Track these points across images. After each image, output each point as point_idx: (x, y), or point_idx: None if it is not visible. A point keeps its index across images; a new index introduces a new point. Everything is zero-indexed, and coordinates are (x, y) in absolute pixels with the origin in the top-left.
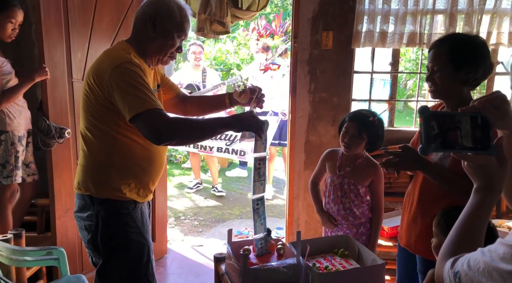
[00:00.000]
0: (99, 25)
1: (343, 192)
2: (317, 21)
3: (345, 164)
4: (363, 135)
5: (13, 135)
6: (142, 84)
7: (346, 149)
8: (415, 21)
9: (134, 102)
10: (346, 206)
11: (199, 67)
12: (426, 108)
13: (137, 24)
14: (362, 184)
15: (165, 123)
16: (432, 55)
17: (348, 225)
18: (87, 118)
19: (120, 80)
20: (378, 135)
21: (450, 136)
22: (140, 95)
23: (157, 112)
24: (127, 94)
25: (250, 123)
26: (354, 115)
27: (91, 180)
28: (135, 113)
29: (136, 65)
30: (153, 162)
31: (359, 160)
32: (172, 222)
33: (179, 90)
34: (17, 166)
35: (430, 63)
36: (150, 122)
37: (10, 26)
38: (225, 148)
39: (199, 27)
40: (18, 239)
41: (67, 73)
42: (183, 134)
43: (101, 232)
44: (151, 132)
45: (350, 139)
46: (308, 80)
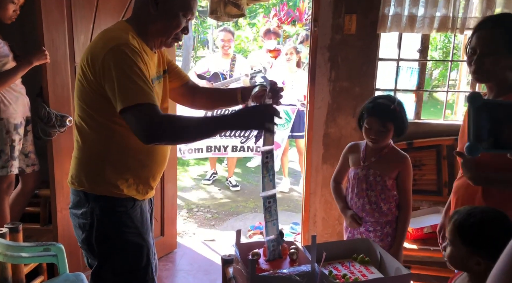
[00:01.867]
0: (105, 4)
1: (369, 184)
2: (340, 4)
3: (370, 155)
4: (389, 126)
5: (9, 122)
6: (136, 73)
7: (374, 143)
8: (448, 3)
9: (125, 93)
10: (371, 200)
11: (229, 55)
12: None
13: (137, 2)
14: (389, 176)
15: (156, 121)
16: (482, 36)
17: (373, 223)
18: (81, 106)
19: (113, 65)
20: (403, 120)
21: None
22: (131, 86)
23: (149, 107)
24: (118, 82)
25: (257, 117)
26: (373, 109)
27: (85, 174)
28: (125, 105)
29: (134, 48)
30: (154, 155)
31: (385, 150)
32: (184, 214)
33: (187, 79)
34: (13, 156)
35: (481, 46)
36: (140, 117)
37: (12, 7)
38: (240, 147)
39: (212, 9)
40: (14, 234)
41: (69, 56)
42: (176, 134)
43: (96, 231)
44: (140, 130)
45: (376, 134)
46: (328, 67)
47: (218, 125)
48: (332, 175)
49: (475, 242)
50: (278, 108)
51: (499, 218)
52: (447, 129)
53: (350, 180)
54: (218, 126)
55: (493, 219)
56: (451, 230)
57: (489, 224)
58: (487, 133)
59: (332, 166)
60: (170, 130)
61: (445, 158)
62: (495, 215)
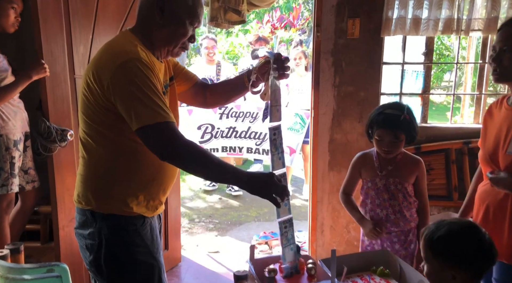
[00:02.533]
0: (104, 13)
1: (391, 194)
2: (343, 8)
3: (385, 163)
4: (401, 136)
5: (8, 139)
6: (151, 89)
7: (388, 155)
8: (452, 5)
9: (143, 112)
10: (396, 210)
11: (213, 62)
12: None
13: (142, 10)
14: (409, 182)
15: (179, 143)
16: (502, 34)
17: (397, 233)
18: (86, 121)
19: (126, 82)
20: (414, 127)
21: None
22: (149, 104)
23: (171, 127)
24: (134, 100)
25: (267, 187)
26: (383, 121)
27: (92, 192)
28: (144, 124)
29: (146, 63)
30: (164, 168)
31: (399, 156)
32: (185, 225)
33: (196, 79)
34: (13, 174)
35: (500, 43)
36: (162, 137)
37: (13, 13)
38: (255, 149)
39: (212, 16)
40: (16, 255)
41: (69, 68)
42: (192, 164)
43: (105, 252)
44: (160, 148)
45: (389, 146)
46: (332, 72)
47: (231, 177)
48: (341, 187)
49: (444, 254)
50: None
51: (467, 228)
52: (455, 132)
53: (367, 191)
54: (231, 178)
55: (460, 230)
56: (422, 246)
57: (456, 235)
58: None
59: (339, 173)
60: (189, 155)
61: (454, 162)
62: (463, 225)
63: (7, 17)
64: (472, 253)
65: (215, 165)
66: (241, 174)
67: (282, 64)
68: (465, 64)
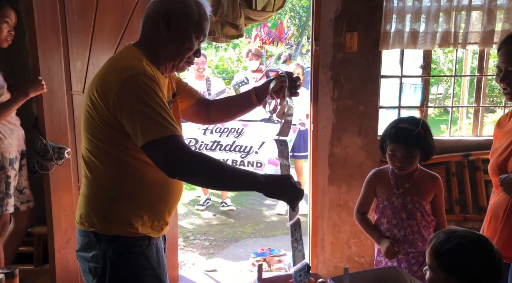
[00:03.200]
0: (101, 29)
1: (408, 213)
2: (340, 22)
3: (402, 180)
4: (415, 152)
5: (3, 157)
6: (158, 103)
7: (400, 171)
8: (448, 19)
9: (149, 126)
10: (414, 230)
11: (203, 77)
12: None
13: (147, 25)
14: (427, 200)
15: (188, 157)
16: (505, 53)
17: (415, 253)
18: (90, 139)
19: (132, 97)
20: (429, 144)
21: None
22: (156, 118)
23: (178, 140)
24: (140, 114)
25: (286, 190)
26: (396, 135)
27: (96, 213)
28: (150, 139)
29: (151, 77)
30: (170, 187)
31: (416, 173)
32: (180, 244)
33: (199, 95)
34: (8, 194)
35: (504, 63)
36: (169, 152)
37: (6, 27)
38: (240, 161)
39: (209, 30)
40: (10, 279)
41: (66, 84)
42: (205, 177)
43: (110, 276)
44: (167, 162)
45: (402, 162)
46: (331, 86)
47: (249, 181)
48: (355, 206)
49: (452, 267)
50: None
51: (478, 243)
52: (454, 145)
53: (383, 210)
54: (249, 183)
55: (471, 244)
56: (429, 254)
57: (466, 250)
58: None
59: (339, 188)
60: (200, 167)
61: (454, 175)
62: (474, 239)
63: (0, 32)
64: (480, 271)
65: (230, 173)
66: (258, 177)
67: (294, 83)
68: (462, 77)
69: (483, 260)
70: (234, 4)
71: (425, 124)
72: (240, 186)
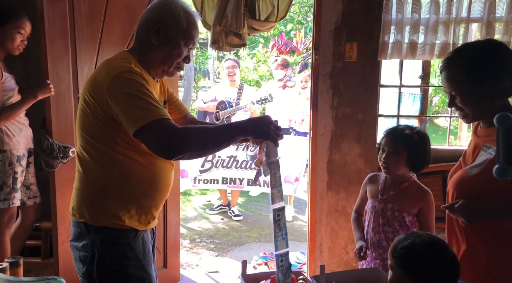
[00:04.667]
0: (109, 36)
1: (386, 219)
2: (340, 33)
3: (389, 188)
4: (400, 150)
5: (12, 154)
6: (144, 93)
7: (385, 170)
8: (447, 30)
9: (137, 114)
10: (388, 237)
11: (235, 83)
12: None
13: (139, 32)
14: (409, 212)
15: (175, 133)
16: (445, 78)
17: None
18: (83, 136)
19: (120, 92)
20: (419, 150)
21: None
22: (143, 105)
23: (165, 122)
24: (128, 106)
25: (267, 127)
26: (388, 131)
27: (86, 205)
28: (139, 125)
29: (137, 73)
30: (156, 184)
31: (406, 183)
32: (187, 245)
33: (187, 112)
34: (15, 188)
35: (447, 88)
36: (158, 134)
37: (19, 37)
38: None
39: (214, 39)
40: (15, 268)
41: (73, 88)
42: (197, 145)
43: (97, 264)
44: (160, 146)
45: (386, 157)
46: (330, 94)
47: (235, 131)
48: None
49: (404, 265)
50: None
51: (431, 242)
52: (452, 154)
53: (367, 212)
54: (235, 132)
55: (424, 243)
56: (389, 253)
57: (419, 248)
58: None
59: (337, 194)
60: (191, 140)
61: None
62: (427, 239)
63: (12, 41)
64: (431, 269)
65: (218, 133)
66: (242, 123)
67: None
68: None
69: (434, 259)
70: (238, 14)
71: (421, 134)
72: (230, 140)
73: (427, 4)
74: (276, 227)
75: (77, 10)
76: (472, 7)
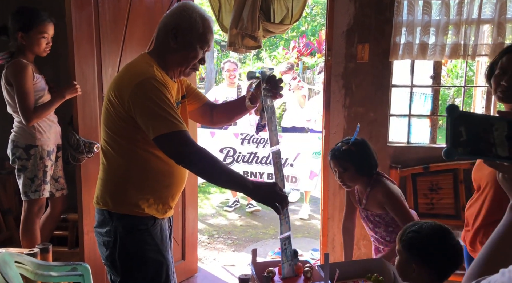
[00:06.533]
0: (131, 40)
1: (373, 224)
2: (352, 34)
3: (362, 196)
4: (346, 166)
5: (42, 149)
6: (166, 103)
7: (345, 187)
8: (458, 31)
9: (160, 122)
10: (383, 235)
11: (234, 84)
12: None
13: (159, 36)
14: (385, 212)
15: (193, 147)
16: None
17: None
18: (107, 132)
19: (144, 98)
20: (362, 158)
21: (482, 142)
22: (165, 115)
23: (185, 134)
24: (151, 113)
25: (270, 195)
26: (331, 153)
27: (109, 194)
28: (161, 133)
29: (160, 81)
30: (173, 177)
31: (368, 189)
32: (205, 241)
33: (206, 100)
34: (45, 181)
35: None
36: (177, 143)
37: (44, 41)
38: None
39: (231, 41)
40: (44, 254)
41: (98, 88)
42: (204, 167)
43: (119, 248)
44: (175, 153)
45: (339, 177)
46: (343, 94)
47: (239, 182)
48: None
49: (412, 248)
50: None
51: (437, 228)
52: None
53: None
54: (239, 184)
55: (430, 229)
56: (397, 239)
57: (425, 233)
58: (464, 141)
59: None
60: (202, 161)
61: (462, 182)
62: (434, 226)
63: (39, 45)
64: (434, 254)
65: (224, 171)
66: (247, 182)
67: (276, 84)
68: (474, 88)
69: (439, 244)
70: (253, 17)
71: (358, 143)
72: (229, 184)
73: (437, 6)
74: (276, 168)
75: (102, 16)
76: (483, 8)
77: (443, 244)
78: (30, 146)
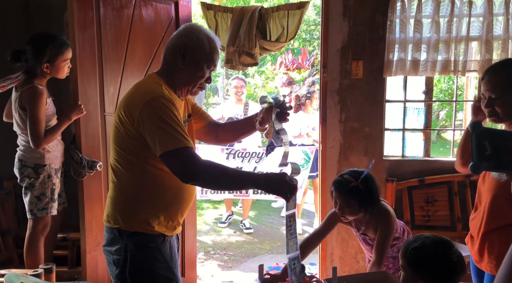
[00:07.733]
0: (132, 59)
1: (371, 246)
2: (347, 51)
3: (360, 223)
4: (350, 202)
5: (51, 168)
6: (173, 120)
7: (342, 218)
8: (448, 48)
9: (166, 139)
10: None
11: (242, 101)
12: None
13: (166, 56)
14: None
15: (197, 164)
16: (488, 82)
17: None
18: (117, 150)
19: (152, 115)
20: (367, 196)
21: (505, 156)
22: (172, 132)
23: (189, 151)
24: (158, 129)
25: (282, 186)
26: (336, 183)
27: (120, 212)
28: (166, 149)
29: (168, 99)
30: (182, 192)
31: (366, 217)
32: (201, 257)
33: (210, 119)
34: (53, 198)
35: (487, 92)
36: (182, 160)
37: (67, 66)
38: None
39: (228, 59)
40: (48, 274)
41: (100, 106)
42: (212, 179)
43: (130, 266)
44: (181, 171)
45: (340, 209)
46: (338, 109)
47: (250, 181)
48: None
49: (414, 265)
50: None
51: (438, 244)
52: None
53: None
54: (249, 182)
55: (432, 245)
56: (400, 254)
57: (427, 249)
58: (488, 155)
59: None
60: (208, 174)
61: (457, 194)
62: (436, 240)
63: (63, 72)
64: (438, 268)
65: (233, 176)
66: (258, 179)
67: (282, 109)
68: (465, 102)
69: (442, 258)
70: (250, 35)
71: (366, 180)
72: (242, 186)
73: (428, 24)
74: (288, 232)
75: (104, 36)
76: (471, 26)
77: (448, 257)
78: (39, 165)
